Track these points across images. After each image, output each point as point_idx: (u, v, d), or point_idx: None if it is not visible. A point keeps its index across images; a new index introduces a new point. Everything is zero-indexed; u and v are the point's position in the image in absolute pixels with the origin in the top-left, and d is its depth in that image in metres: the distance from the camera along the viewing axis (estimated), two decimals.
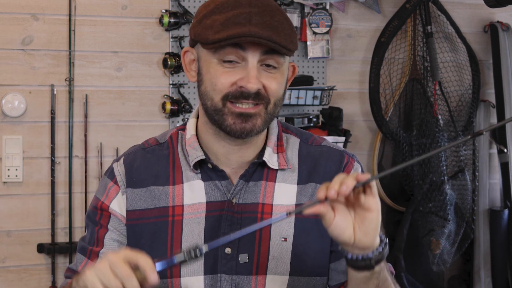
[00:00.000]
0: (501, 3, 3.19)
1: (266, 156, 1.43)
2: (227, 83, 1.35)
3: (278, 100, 1.39)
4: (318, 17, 3.28)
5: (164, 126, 3.10)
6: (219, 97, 1.36)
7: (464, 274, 3.61)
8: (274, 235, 1.41)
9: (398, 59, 3.44)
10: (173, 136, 1.50)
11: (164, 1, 3.13)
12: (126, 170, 1.46)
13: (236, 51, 1.34)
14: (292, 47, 1.36)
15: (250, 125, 1.36)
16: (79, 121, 3.03)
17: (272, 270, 1.40)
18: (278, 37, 1.32)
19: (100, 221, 1.46)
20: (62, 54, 3.01)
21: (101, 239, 1.44)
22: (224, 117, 1.36)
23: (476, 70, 3.50)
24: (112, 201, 1.45)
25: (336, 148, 1.50)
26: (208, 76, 1.37)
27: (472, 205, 3.48)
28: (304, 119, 3.19)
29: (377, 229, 1.23)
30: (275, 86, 1.37)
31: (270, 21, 1.33)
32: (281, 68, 1.38)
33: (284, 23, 1.36)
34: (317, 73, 3.35)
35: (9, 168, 2.94)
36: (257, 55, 1.34)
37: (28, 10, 2.97)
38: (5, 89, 2.95)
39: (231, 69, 1.35)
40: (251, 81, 1.34)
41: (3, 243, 2.97)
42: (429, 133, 3.34)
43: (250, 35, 1.31)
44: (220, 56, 1.35)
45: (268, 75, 1.36)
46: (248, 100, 1.35)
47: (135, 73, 3.11)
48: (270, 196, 1.43)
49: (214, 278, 1.40)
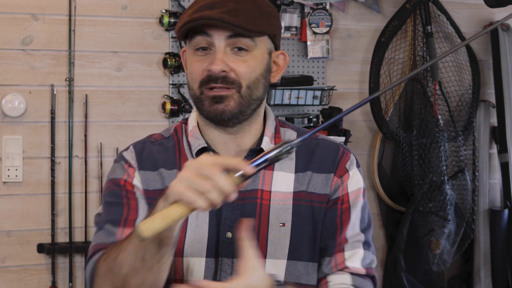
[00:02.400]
0: (501, 3, 3.19)
1: (264, 144, 1.48)
2: (200, 70, 1.42)
3: (253, 83, 1.43)
4: (318, 17, 3.28)
5: (164, 126, 3.10)
6: (196, 85, 1.43)
7: (464, 274, 3.61)
8: (272, 220, 1.45)
9: (398, 59, 3.43)
10: (178, 128, 1.55)
11: (164, 1, 3.13)
12: (137, 155, 1.50)
13: (204, 38, 1.41)
14: (253, 27, 1.40)
15: (223, 106, 1.41)
16: (79, 121, 3.03)
17: (271, 254, 1.44)
18: (234, 19, 1.38)
19: (128, 195, 1.46)
20: (62, 54, 3.01)
21: (134, 207, 1.45)
22: (202, 103, 1.43)
23: (476, 70, 3.50)
24: (134, 179, 1.47)
25: (332, 140, 1.56)
26: (189, 68, 1.47)
27: (472, 205, 3.47)
28: (304, 119, 3.19)
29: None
30: (243, 69, 1.41)
31: (232, 6, 1.39)
32: (254, 51, 1.43)
33: (250, 8, 1.41)
34: (317, 73, 3.35)
35: (9, 168, 2.94)
36: (222, 39, 1.40)
37: (28, 10, 2.97)
38: (5, 89, 2.95)
39: (203, 56, 1.43)
40: (215, 62, 1.40)
41: (3, 243, 2.96)
42: (429, 133, 3.34)
43: (203, 18, 1.38)
44: (193, 45, 1.44)
45: (237, 58, 1.42)
46: (217, 84, 1.41)
47: (135, 73, 3.11)
48: (268, 183, 1.47)
49: (215, 261, 1.44)
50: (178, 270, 1.44)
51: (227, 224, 1.44)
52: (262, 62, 1.45)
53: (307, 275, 1.46)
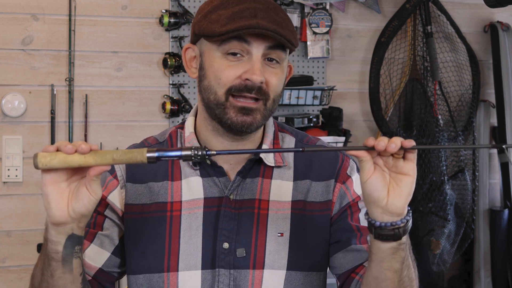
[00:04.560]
0: (501, 3, 3.19)
1: (263, 153, 1.46)
2: (232, 76, 1.37)
3: (277, 96, 1.42)
4: (318, 17, 3.28)
5: (164, 126, 3.10)
6: (223, 90, 1.38)
7: (464, 274, 3.61)
8: (270, 230, 1.43)
9: (398, 59, 3.44)
10: (172, 134, 1.53)
11: (164, 1, 3.13)
12: (127, 166, 1.49)
13: (240, 44, 1.37)
14: (295, 42, 1.40)
15: (251, 118, 1.38)
16: (79, 121, 3.03)
17: (269, 265, 1.42)
18: (283, 31, 1.36)
19: (98, 208, 1.47)
20: (62, 54, 3.01)
21: (99, 224, 1.47)
22: (225, 111, 1.38)
23: (476, 70, 3.50)
24: (110, 193, 1.47)
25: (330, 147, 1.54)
26: (212, 70, 1.39)
27: (472, 205, 3.48)
28: (304, 119, 3.19)
29: (410, 194, 1.24)
30: (275, 82, 1.40)
31: (274, 16, 1.37)
32: (283, 64, 1.42)
33: (287, 20, 1.40)
34: (317, 73, 3.35)
35: (9, 168, 2.94)
36: (262, 48, 1.37)
37: (28, 10, 2.98)
38: (5, 89, 2.95)
39: (236, 62, 1.38)
40: (255, 72, 1.36)
41: (3, 243, 2.97)
42: (429, 133, 3.34)
43: (258, 27, 1.34)
44: (224, 49, 1.38)
45: (270, 70, 1.39)
46: (251, 94, 1.37)
47: (135, 73, 3.11)
48: (266, 192, 1.45)
49: (212, 273, 1.41)
50: (173, 285, 1.42)
51: (224, 234, 1.42)
52: (285, 75, 1.45)
53: (306, 285, 1.44)
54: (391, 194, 1.23)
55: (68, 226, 1.23)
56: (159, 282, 1.42)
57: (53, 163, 1.18)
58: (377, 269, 1.30)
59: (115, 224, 1.47)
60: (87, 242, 1.44)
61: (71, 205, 1.21)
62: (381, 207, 1.23)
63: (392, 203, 1.23)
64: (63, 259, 1.26)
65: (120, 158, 1.18)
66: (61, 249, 1.25)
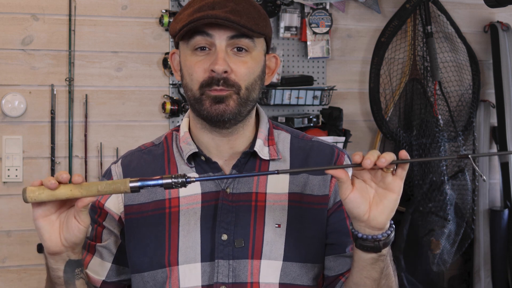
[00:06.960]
0: (501, 3, 3.19)
1: (257, 147, 1.49)
2: (201, 71, 1.42)
3: (251, 85, 1.44)
4: (318, 17, 3.28)
5: (164, 126, 3.10)
6: (196, 86, 1.43)
7: (464, 274, 3.61)
8: (268, 221, 1.46)
9: (398, 59, 3.44)
10: (168, 136, 1.57)
11: (164, 1, 3.13)
12: (124, 170, 1.54)
13: (204, 38, 1.41)
14: (256, 28, 1.41)
15: (224, 106, 1.41)
16: (79, 121, 3.03)
17: (266, 255, 1.44)
18: (240, 19, 1.38)
19: (98, 218, 1.54)
20: (62, 54, 3.01)
21: (99, 235, 1.54)
22: (202, 103, 1.42)
23: (476, 70, 3.50)
24: (107, 201, 1.53)
25: (326, 142, 1.56)
26: (186, 68, 1.45)
27: (472, 205, 3.48)
28: (304, 119, 3.19)
29: (393, 210, 1.26)
30: (243, 70, 1.42)
31: (233, 6, 1.40)
32: (253, 52, 1.43)
33: (250, 9, 1.42)
34: (317, 73, 3.35)
35: (9, 168, 2.94)
36: (224, 39, 1.40)
37: (28, 10, 2.98)
38: (5, 89, 2.95)
39: (204, 57, 1.42)
40: (217, 62, 1.39)
41: (3, 243, 2.97)
42: (429, 133, 3.34)
43: (208, 17, 1.37)
44: (192, 46, 1.43)
45: (237, 59, 1.42)
46: (218, 86, 1.40)
47: (135, 73, 3.11)
48: (263, 185, 1.48)
49: (211, 264, 1.44)
50: (174, 279, 1.44)
51: (222, 226, 1.44)
52: (260, 64, 1.46)
53: (302, 276, 1.46)
54: (373, 209, 1.25)
55: (64, 254, 1.31)
56: (163, 278, 1.45)
57: (41, 197, 1.24)
58: (357, 276, 1.35)
59: (112, 233, 1.52)
60: (90, 255, 1.52)
61: (63, 236, 1.28)
62: (363, 222, 1.26)
63: (374, 218, 1.25)
64: (66, 283, 1.35)
65: (105, 190, 1.24)
66: (61, 274, 1.33)
